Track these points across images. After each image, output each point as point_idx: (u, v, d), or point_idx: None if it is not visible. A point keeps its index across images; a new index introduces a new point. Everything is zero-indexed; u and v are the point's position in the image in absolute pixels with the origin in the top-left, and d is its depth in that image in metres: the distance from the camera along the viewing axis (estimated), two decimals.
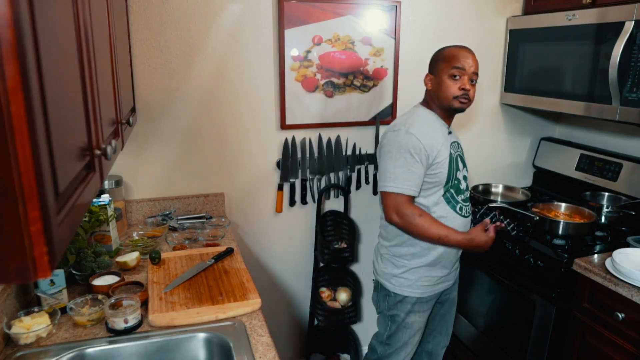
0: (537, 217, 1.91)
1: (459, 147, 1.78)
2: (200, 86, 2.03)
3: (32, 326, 1.23)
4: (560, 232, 1.87)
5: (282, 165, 2.21)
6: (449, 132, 1.73)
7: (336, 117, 2.24)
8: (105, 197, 1.74)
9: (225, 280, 1.56)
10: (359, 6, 2.14)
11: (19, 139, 0.49)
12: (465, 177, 1.77)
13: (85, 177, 0.78)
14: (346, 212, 2.36)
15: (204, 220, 2.06)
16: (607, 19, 1.87)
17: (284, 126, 2.17)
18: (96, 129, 0.88)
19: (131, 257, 1.65)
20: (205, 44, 1.99)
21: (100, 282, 1.48)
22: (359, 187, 2.39)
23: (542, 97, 2.22)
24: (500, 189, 2.31)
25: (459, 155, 1.76)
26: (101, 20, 1.08)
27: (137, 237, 1.84)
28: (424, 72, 2.34)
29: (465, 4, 2.35)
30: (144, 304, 1.41)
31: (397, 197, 1.59)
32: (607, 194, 2.21)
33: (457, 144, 1.77)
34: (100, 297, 1.38)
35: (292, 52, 2.10)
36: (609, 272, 1.67)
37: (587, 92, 1.99)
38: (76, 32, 0.77)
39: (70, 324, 1.32)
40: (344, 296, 2.23)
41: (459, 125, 2.45)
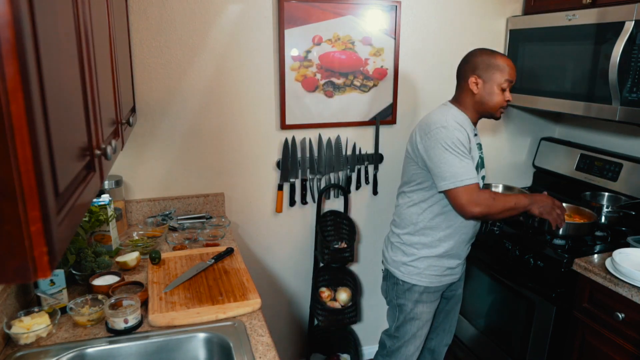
0: (537, 219, 1.91)
1: (481, 149, 1.82)
2: (200, 86, 2.03)
3: (32, 326, 1.23)
4: (560, 232, 1.87)
5: (282, 165, 2.21)
6: (475, 134, 1.76)
7: (336, 117, 2.25)
8: (105, 197, 1.74)
9: (225, 280, 1.56)
10: (359, 6, 2.14)
11: (19, 139, 0.49)
12: (483, 177, 1.82)
13: (85, 177, 0.78)
14: (346, 212, 2.36)
15: (204, 220, 2.06)
16: (607, 19, 1.87)
17: (284, 126, 2.17)
18: (96, 129, 0.88)
19: (131, 257, 1.65)
20: (205, 44, 1.99)
21: (100, 282, 1.48)
22: (359, 187, 2.39)
23: (542, 97, 2.22)
24: (500, 189, 2.30)
25: (481, 156, 1.80)
26: (101, 20, 1.08)
27: (137, 237, 1.84)
28: (424, 72, 2.37)
29: (465, 4, 2.35)
30: (144, 304, 1.41)
31: (471, 189, 1.60)
32: (607, 194, 2.21)
33: (480, 145, 1.80)
34: (100, 297, 1.38)
35: (292, 52, 2.10)
36: (609, 272, 1.67)
37: (587, 92, 1.99)
38: (76, 32, 0.77)
39: (70, 324, 1.32)
40: (344, 296, 2.23)
41: None
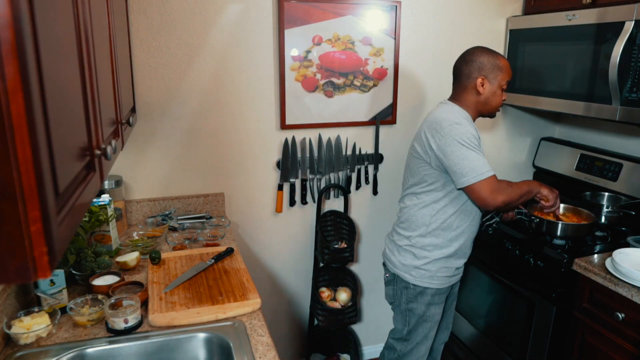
0: (537, 219, 1.91)
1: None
2: (200, 86, 2.03)
3: (32, 326, 1.23)
4: (559, 232, 1.87)
5: (282, 165, 2.21)
6: None
7: (336, 117, 2.24)
8: (105, 197, 1.74)
9: (225, 280, 1.56)
10: (359, 6, 2.14)
11: (19, 139, 0.49)
12: None
13: (85, 177, 0.78)
14: (346, 212, 2.36)
15: (204, 220, 2.06)
16: (607, 19, 1.87)
17: (284, 126, 2.17)
18: (96, 129, 0.88)
19: (131, 257, 1.65)
20: (205, 44, 1.99)
21: (100, 282, 1.48)
22: (358, 187, 2.39)
23: (542, 97, 2.22)
24: None
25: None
26: (101, 20, 1.08)
27: (137, 237, 1.84)
28: (424, 72, 2.37)
29: (465, 4, 2.35)
30: (144, 304, 1.41)
31: (492, 180, 1.63)
32: (607, 194, 2.21)
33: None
34: (100, 297, 1.38)
35: (292, 52, 2.10)
36: (609, 272, 1.67)
37: (587, 92, 1.99)
38: (76, 32, 0.77)
39: (70, 324, 1.32)
40: (343, 296, 2.23)
41: None
